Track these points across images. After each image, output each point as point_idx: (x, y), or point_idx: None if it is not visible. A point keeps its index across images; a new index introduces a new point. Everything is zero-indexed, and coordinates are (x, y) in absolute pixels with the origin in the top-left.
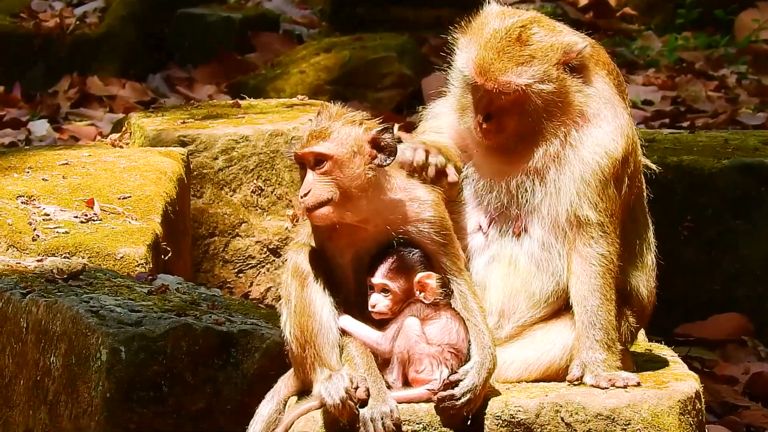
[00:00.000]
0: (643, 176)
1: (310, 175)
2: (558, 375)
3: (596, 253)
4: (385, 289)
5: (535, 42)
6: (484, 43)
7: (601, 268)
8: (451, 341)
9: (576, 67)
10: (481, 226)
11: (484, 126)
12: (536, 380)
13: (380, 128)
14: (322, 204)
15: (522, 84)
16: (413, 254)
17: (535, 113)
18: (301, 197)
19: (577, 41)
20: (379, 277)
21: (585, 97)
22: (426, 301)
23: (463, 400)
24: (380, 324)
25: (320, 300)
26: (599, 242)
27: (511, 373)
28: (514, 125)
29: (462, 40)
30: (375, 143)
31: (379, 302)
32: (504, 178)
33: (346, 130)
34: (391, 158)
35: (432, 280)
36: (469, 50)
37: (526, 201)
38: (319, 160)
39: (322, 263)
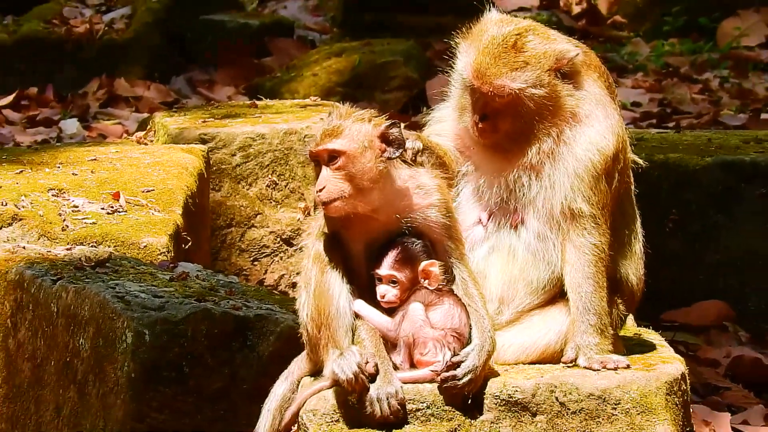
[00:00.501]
0: (630, 171)
1: (325, 170)
2: (553, 358)
3: (589, 243)
4: (392, 280)
5: (529, 49)
6: (482, 48)
7: (593, 257)
8: (453, 325)
9: (568, 73)
10: (481, 220)
11: (479, 126)
12: (533, 362)
13: (388, 123)
14: (337, 197)
15: (515, 88)
16: (416, 245)
17: (527, 115)
18: (317, 192)
19: (570, 49)
20: (386, 269)
21: (576, 100)
22: (430, 288)
23: (464, 380)
24: (389, 311)
25: (339, 285)
26: (592, 233)
27: (509, 355)
28: (508, 126)
29: (463, 44)
30: (384, 137)
31: (387, 292)
32: (502, 174)
33: (356, 127)
34: (400, 151)
35: (435, 267)
36: (468, 55)
37: (523, 195)
38: (332, 156)
39: (340, 251)
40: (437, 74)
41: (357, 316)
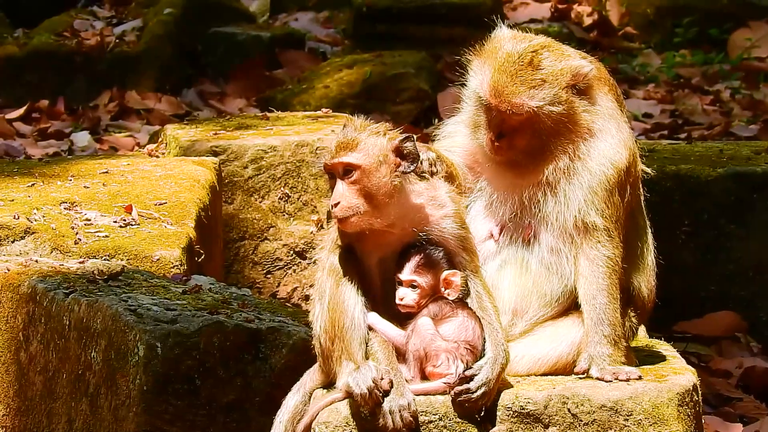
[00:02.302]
0: (641, 183)
1: (340, 185)
2: (565, 369)
3: (603, 256)
4: (413, 285)
5: (546, 66)
6: (498, 66)
7: (607, 269)
8: (467, 338)
9: (583, 89)
10: (492, 234)
11: (496, 144)
12: (545, 373)
13: (403, 137)
14: (352, 213)
15: (534, 106)
16: (438, 252)
17: (544, 132)
18: (333, 206)
19: (584, 65)
20: (407, 273)
21: (591, 115)
22: (450, 298)
23: (478, 393)
24: (406, 318)
25: (353, 298)
26: (606, 245)
27: (522, 366)
28: (525, 143)
29: (476, 61)
30: (399, 152)
31: (407, 296)
32: (516, 191)
33: (372, 141)
34: (414, 165)
35: (457, 277)
36: (483, 72)
37: (539, 210)
38: (348, 169)
39: (355, 265)
40: (448, 86)
41: (370, 328)
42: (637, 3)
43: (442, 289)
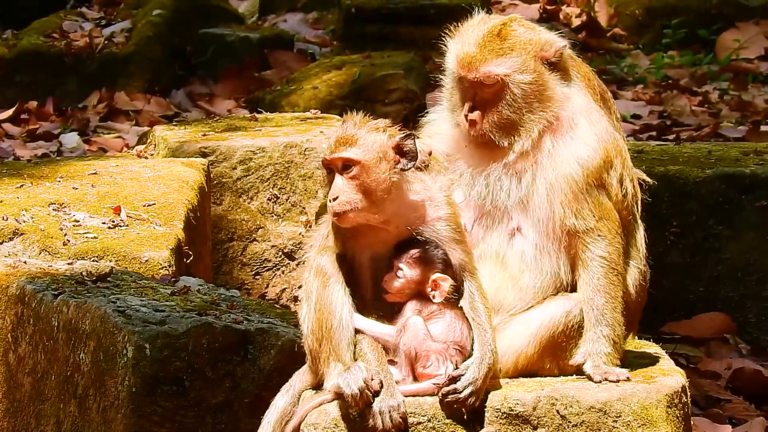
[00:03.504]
0: (635, 182)
1: (339, 179)
2: (559, 339)
3: (596, 256)
4: (398, 272)
5: (514, 37)
6: (467, 40)
7: (602, 269)
8: (455, 339)
9: (555, 65)
10: (466, 226)
11: (469, 117)
12: (539, 348)
13: (403, 134)
14: (350, 208)
15: (501, 74)
16: (438, 252)
17: (515, 103)
18: (331, 201)
19: (556, 39)
20: (398, 260)
21: (564, 97)
22: (434, 300)
23: (465, 393)
24: (393, 315)
25: (341, 299)
26: (597, 245)
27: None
28: (497, 116)
29: (450, 42)
30: (398, 149)
31: (390, 280)
32: (483, 172)
33: (372, 137)
34: (413, 163)
35: (447, 283)
36: (455, 49)
37: (503, 198)
38: (347, 165)
39: (342, 265)
40: (438, 87)
41: (358, 330)
42: (625, 4)
43: (429, 290)
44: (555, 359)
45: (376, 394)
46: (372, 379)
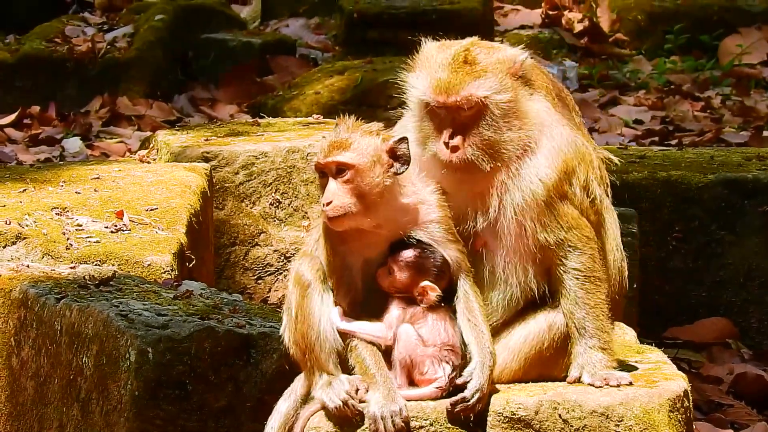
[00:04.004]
0: (605, 172)
1: (332, 183)
2: (546, 353)
3: (569, 269)
4: (390, 272)
5: (481, 60)
6: (436, 68)
7: (577, 280)
8: (444, 340)
9: (521, 78)
10: None
11: (450, 144)
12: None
13: (398, 138)
14: (344, 212)
15: (482, 95)
16: (433, 260)
17: (495, 124)
18: (325, 205)
19: (518, 53)
20: (391, 259)
21: (531, 110)
22: (421, 305)
23: (474, 399)
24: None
25: (318, 309)
26: (569, 257)
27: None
28: (479, 138)
29: (410, 75)
30: (392, 152)
31: (382, 275)
32: (461, 199)
33: (365, 141)
34: (406, 167)
35: (434, 293)
36: (422, 79)
37: (473, 222)
38: (341, 169)
39: (329, 271)
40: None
41: (345, 334)
42: (627, 9)
43: (416, 294)
44: (544, 372)
45: (363, 401)
46: (357, 390)
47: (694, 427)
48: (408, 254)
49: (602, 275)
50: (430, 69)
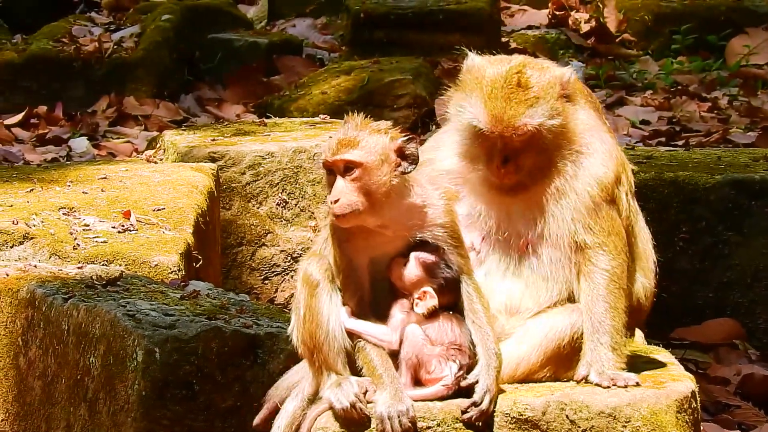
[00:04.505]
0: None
1: (340, 181)
2: (564, 350)
3: (599, 269)
4: (406, 264)
5: (533, 83)
6: (488, 94)
7: (603, 280)
8: (451, 339)
9: (569, 97)
10: (473, 245)
11: (502, 170)
12: (544, 359)
13: (406, 138)
14: (351, 210)
15: (536, 124)
16: (447, 275)
17: (546, 148)
18: (332, 202)
19: (565, 71)
20: (414, 254)
21: (579, 123)
22: (415, 309)
23: (485, 402)
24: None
25: (327, 309)
26: (600, 260)
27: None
28: (530, 162)
29: (459, 95)
30: (400, 152)
31: (396, 266)
32: (503, 208)
33: (374, 139)
34: (413, 166)
35: (432, 301)
36: (473, 104)
37: (521, 228)
38: (348, 167)
39: (336, 270)
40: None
41: (353, 334)
42: (634, 10)
43: (415, 296)
44: (558, 370)
45: (371, 403)
46: (365, 392)
47: (701, 428)
48: (429, 255)
49: (626, 288)
50: (482, 93)
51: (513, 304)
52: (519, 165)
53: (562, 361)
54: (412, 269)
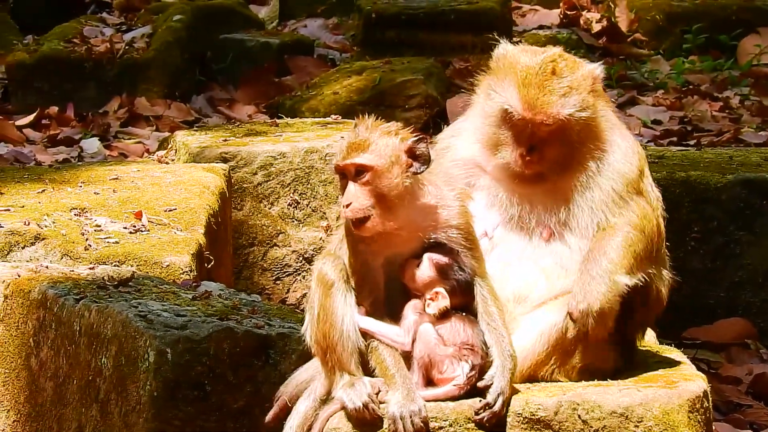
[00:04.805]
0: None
1: (352, 186)
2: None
3: (624, 221)
4: (419, 265)
5: (567, 73)
6: (522, 80)
7: (628, 226)
8: (463, 339)
9: (596, 92)
10: (486, 233)
11: (527, 158)
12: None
13: (416, 138)
14: (364, 215)
15: (567, 114)
16: (460, 277)
17: (570, 140)
18: (344, 207)
19: (596, 67)
20: (427, 255)
21: (604, 120)
22: (427, 309)
23: (498, 404)
24: (397, 320)
25: (341, 309)
26: (625, 215)
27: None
28: (555, 153)
29: (490, 80)
30: (411, 152)
31: (409, 267)
32: (524, 197)
33: (384, 141)
34: (425, 167)
35: (444, 302)
36: (506, 89)
37: (544, 217)
38: (359, 170)
39: (351, 270)
40: (457, 92)
41: (366, 334)
42: (646, 9)
43: (427, 296)
44: (564, 361)
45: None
46: (378, 392)
47: (713, 427)
48: (442, 257)
49: (647, 244)
50: (517, 78)
51: (523, 292)
52: (543, 155)
53: (568, 352)
54: (425, 270)
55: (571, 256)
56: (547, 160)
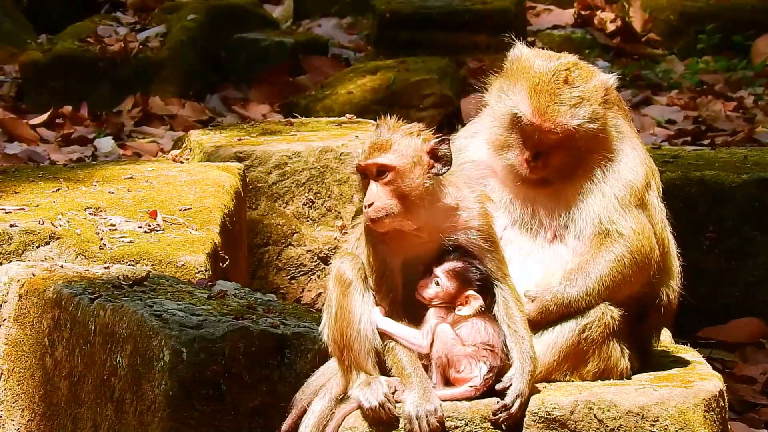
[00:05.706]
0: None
1: (373, 185)
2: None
3: (619, 231)
4: (437, 281)
5: (580, 82)
6: (534, 86)
7: (618, 244)
8: (483, 340)
9: (608, 103)
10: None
11: (532, 164)
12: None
13: (438, 139)
14: (385, 214)
15: (576, 125)
16: (479, 273)
17: (577, 148)
18: (366, 207)
19: (610, 78)
20: (440, 269)
21: (614, 129)
22: (458, 312)
23: (515, 406)
24: (421, 318)
25: (359, 308)
26: (621, 225)
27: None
28: (559, 161)
29: (502, 82)
30: (433, 153)
31: (428, 287)
32: (529, 201)
33: (406, 142)
34: (447, 168)
35: (478, 302)
36: (517, 93)
37: (548, 222)
38: (381, 170)
39: (369, 270)
40: (472, 92)
41: (384, 334)
42: (660, 9)
43: (458, 303)
44: (578, 366)
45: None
46: (395, 392)
47: (729, 426)
48: (456, 264)
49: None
50: (528, 83)
51: (529, 291)
52: (548, 161)
53: (580, 358)
54: (447, 284)
55: (573, 260)
56: (552, 166)
